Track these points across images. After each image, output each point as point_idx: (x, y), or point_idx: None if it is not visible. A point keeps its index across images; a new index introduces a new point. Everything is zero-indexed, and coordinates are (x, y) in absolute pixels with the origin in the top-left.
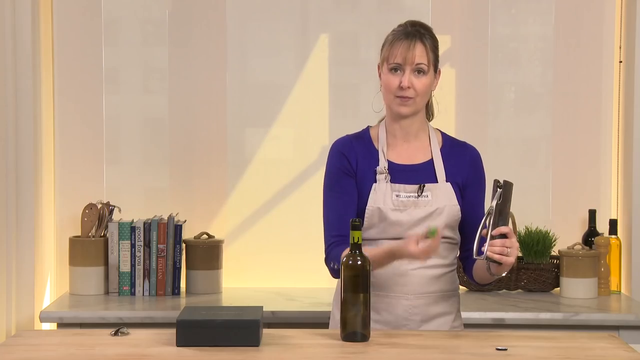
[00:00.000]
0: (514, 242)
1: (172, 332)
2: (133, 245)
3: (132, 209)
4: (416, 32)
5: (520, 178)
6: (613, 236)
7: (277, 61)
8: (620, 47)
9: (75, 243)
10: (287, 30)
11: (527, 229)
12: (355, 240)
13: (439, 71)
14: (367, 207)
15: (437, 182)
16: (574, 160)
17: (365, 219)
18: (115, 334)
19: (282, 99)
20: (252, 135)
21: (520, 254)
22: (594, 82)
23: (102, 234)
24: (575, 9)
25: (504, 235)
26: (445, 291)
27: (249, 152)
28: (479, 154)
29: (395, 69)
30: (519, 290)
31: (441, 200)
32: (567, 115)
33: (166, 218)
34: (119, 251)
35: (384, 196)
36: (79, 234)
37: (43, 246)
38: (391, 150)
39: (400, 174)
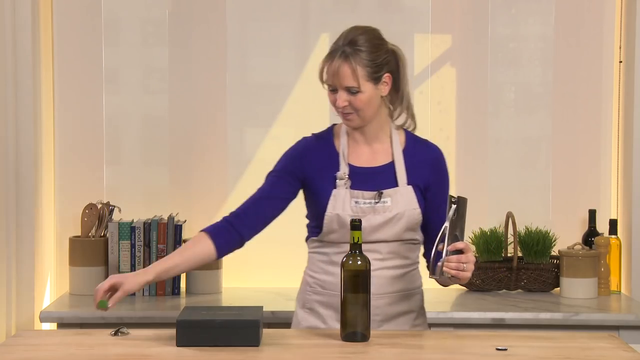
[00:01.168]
0: (469, 257)
1: (172, 332)
2: (133, 245)
3: (132, 209)
4: (342, 52)
5: (520, 178)
6: (613, 236)
7: (277, 61)
8: (620, 47)
9: (75, 243)
10: (287, 30)
11: (527, 229)
12: (355, 240)
13: (388, 76)
14: (326, 213)
15: (398, 185)
16: (574, 160)
17: (324, 225)
18: (115, 334)
19: (282, 99)
20: (252, 135)
21: (520, 254)
22: (594, 82)
23: (102, 234)
24: (575, 9)
25: (460, 251)
26: (407, 290)
27: (249, 152)
28: (441, 154)
29: (331, 88)
30: (519, 290)
31: (401, 205)
32: (567, 115)
33: (166, 218)
34: (119, 251)
35: (343, 203)
36: (79, 234)
37: (43, 246)
38: (352, 153)
39: (360, 178)
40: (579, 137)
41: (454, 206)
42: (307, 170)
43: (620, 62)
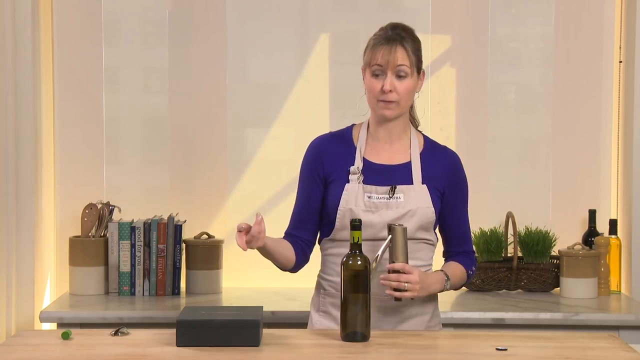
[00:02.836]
0: (410, 277)
1: (172, 332)
2: (133, 245)
3: (132, 209)
4: (397, 35)
5: (520, 178)
6: (613, 236)
7: (277, 61)
8: (620, 47)
9: (75, 243)
10: (287, 30)
11: (527, 229)
12: (355, 240)
13: (423, 73)
14: (339, 208)
15: (413, 183)
16: (574, 160)
17: (337, 220)
18: (115, 334)
19: (282, 99)
20: (252, 135)
21: (520, 254)
22: (594, 82)
23: (102, 234)
24: (575, 9)
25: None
26: None
27: (249, 152)
28: (459, 159)
29: (378, 73)
30: (519, 290)
31: (414, 202)
32: (567, 115)
33: (166, 218)
34: (119, 251)
35: (355, 197)
36: (79, 234)
37: (43, 246)
38: (371, 150)
39: (374, 174)
40: (579, 137)
41: (389, 236)
42: (325, 168)
43: (620, 62)
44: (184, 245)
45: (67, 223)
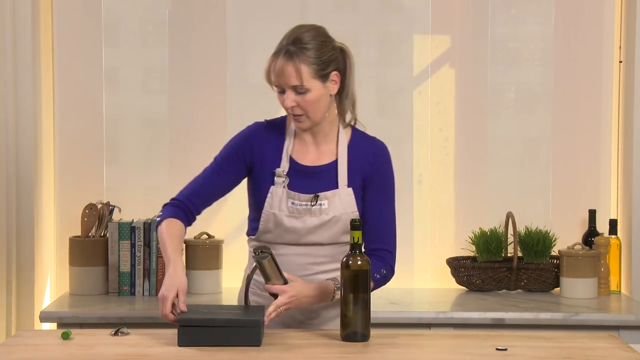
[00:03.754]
0: (281, 300)
1: (173, 332)
2: (133, 245)
3: (132, 209)
4: (286, 51)
5: (520, 178)
6: (613, 236)
7: None
8: (620, 47)
9: (75, 243)
10: (287, 30)
11: (527, 229)
12: (355, 240)
13: (335, 74)
14: (263, 211)
15: (338, 187)
16: (574, 160)
17: (260, 223)
18: (115, 334)
19: None
20: None
21: (520, 254)
22: (594, 82)
23: (102, 234)
24: (575, 9)
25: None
26: None
27: None
28: (384, 149)
29: (279, 89)
30: (519, 290)
31: (338, 208)
32: (567, 115)
33: None
34: (119, 251)
35: (279, 202)
36: (79, 234)
37: (43, 246)
38: (298, 150)
39: (299, 177)
40: (579, 137)
41: (256, 264)
42: (253, 156)
43: (620, 62)
44: (184, 245)
45: (67, 223)
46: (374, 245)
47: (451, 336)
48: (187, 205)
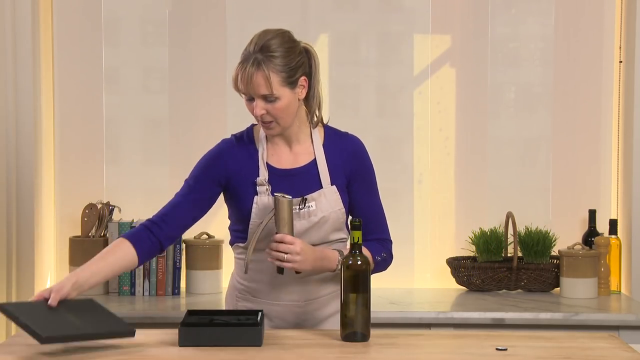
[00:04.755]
0: (290, 247)
1: (173, 332)
2: None
3: (132, 209)
4: (254, 60)
5: (520, 178)
6: (613, 236)
7: None
8: (620, 47)
9: (75, 243)
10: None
11: (527, 229)
12: (355, 240)
13: (303, 79)
14: (250, 222)
15: (322, 186)
16: (574, 160)
17: (249, 235)
18: None
19: None
20: None
21: (520, 254)
22: (594, 82)
23: (102, 234)
24: (575, 9)
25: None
26: (337, 290)
27: None
28: (360, 145)
29: (248, 98)
30: (519, 290)
31: (326, 207)
32: (567, 115)
33: None
34: None
35: (265, 211)
36: (79, 234)
37: (43, 246)
38: (272, 155)
39: (281, 180)
40: (579, 137)
41: (273, 210)
42: (228, 173)
43: (620, 62)
44: (184, 245)
45: (67, 223)
46: (372, 237)
47: (451, 336)
48: (160, 227)
